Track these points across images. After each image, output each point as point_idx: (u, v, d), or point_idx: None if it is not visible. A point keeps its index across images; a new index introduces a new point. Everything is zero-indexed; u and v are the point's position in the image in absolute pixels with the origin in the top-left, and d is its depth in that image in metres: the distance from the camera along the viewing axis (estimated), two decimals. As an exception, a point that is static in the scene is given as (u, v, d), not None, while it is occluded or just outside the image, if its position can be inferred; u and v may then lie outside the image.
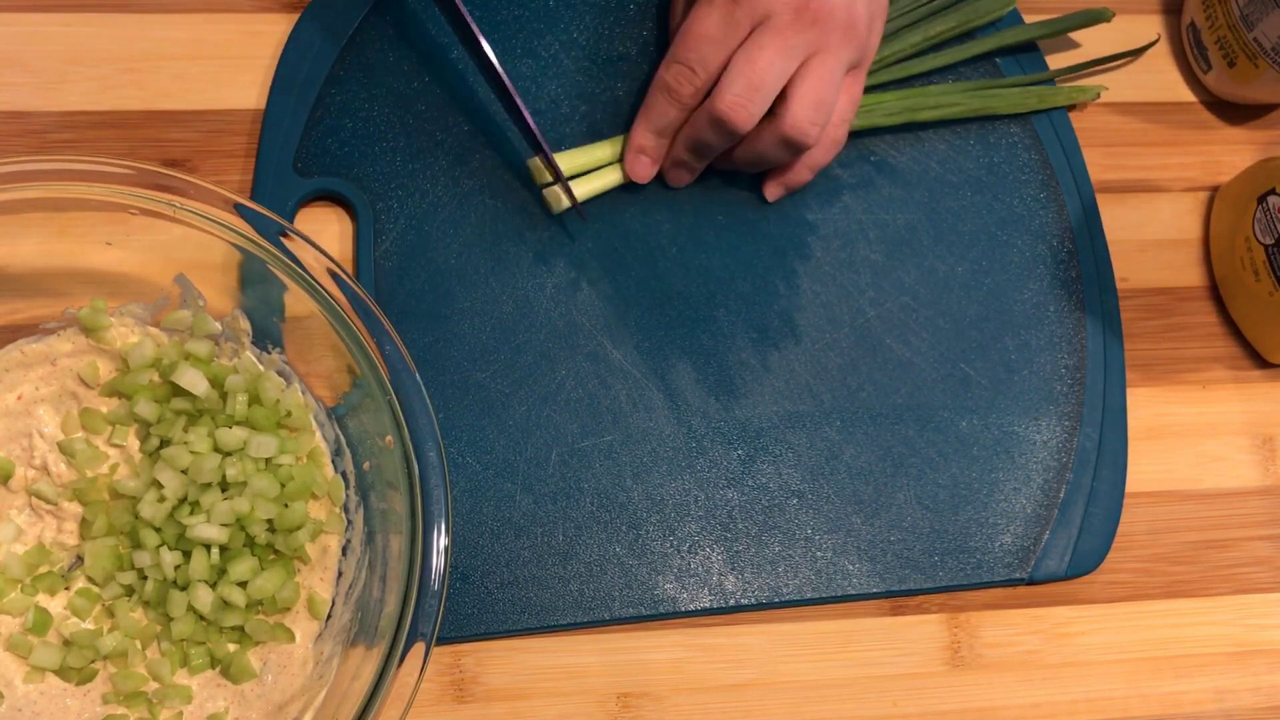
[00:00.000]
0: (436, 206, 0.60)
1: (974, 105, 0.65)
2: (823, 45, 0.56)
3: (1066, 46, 0.69)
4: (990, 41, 0.66)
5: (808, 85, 0.56)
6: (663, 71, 0.58)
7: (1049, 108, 0.66)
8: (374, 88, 0.61)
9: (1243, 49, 0.65)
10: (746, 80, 0.55)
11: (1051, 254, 0.64)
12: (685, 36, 0.57)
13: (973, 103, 0.65)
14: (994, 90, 0.66)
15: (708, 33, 0.56)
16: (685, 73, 0.57)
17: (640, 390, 0.59)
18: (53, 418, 0.53)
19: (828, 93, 0.56)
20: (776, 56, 0.55)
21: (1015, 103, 0.66)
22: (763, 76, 0.55)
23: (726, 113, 0.55)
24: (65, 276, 0.53)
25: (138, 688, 0.50)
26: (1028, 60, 0.67)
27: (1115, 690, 0.59)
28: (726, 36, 0.55)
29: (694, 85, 0.57)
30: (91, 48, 0.61)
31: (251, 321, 0.54)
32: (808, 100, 0.56)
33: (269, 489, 0.51)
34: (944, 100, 0.65)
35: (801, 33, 0.55)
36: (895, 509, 0.59)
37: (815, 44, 0.55)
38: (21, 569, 0.51)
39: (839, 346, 0.61)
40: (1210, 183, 0.68)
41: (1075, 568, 0.59)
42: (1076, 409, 0.62)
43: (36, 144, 0.59)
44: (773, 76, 0.55)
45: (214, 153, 0.60)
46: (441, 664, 0.55)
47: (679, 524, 0.58)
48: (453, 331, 0.59)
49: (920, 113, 0.64)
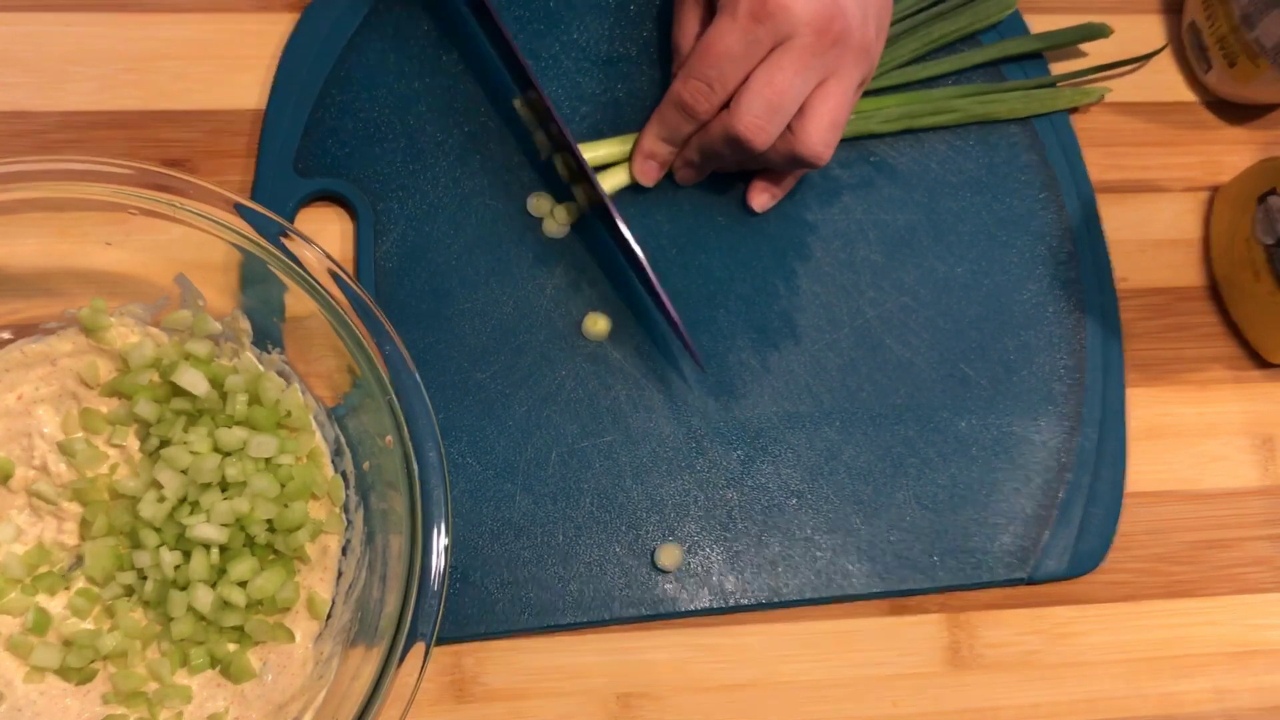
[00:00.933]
0: (437, 207, 0.60)
1: (975, 111, 0.65)
2: (839, 66, 0.55)
3: (1072, 55, 0.69)
4: (991, 51, 0.66)
5: (826, 108, 0.55)
6: (679, 86, 0.57)
7: (1051, 111, 0.66)
8: (374, 88, 0.61)
9: (1243, 49, 0.65)
10: (765, 101, 0.54)
11: (1051, 254, 0.64)
12: (705, 53, 0.55)
13: (974, 109, 0.65)
14: (995, 96, 0.65)
15: (728, 50, 0.55)
16: (703, 89, 0.56)
17: (640, 390, 0.59)
18: (53, 418, 0.53)
19: (843, 114, 0.56)
20: (796, 78, 0.54)
21: (1017, 108, 0.65)
22: (782, 98, 0.54)
23: (745, 133, 0.55)
24: (65, 276, 0.53)
25: (138, 688, 0.50)
26: (1030, 65, 0.67)
27: (1115, 690, 0.59)
28: (747, 55, 0.55)
29: (710, 103, 0.56)
30: (91, 48, 0.61)
31: (251, 321, 0.54)
32: (824, 122, 0.56)
33: (269, 489, 0.51)
34: (944, 106, 0.65)
35: (821, 54, 0.54)
36: (895, 509, 0.59)
37: (833, 65, 0.55)
38: (21, 569, 0.51)
39: (839, 346, 0.61)
40: (1210, 183, 0.68)
41: (1075, 568, 0.59)
42: (1076, 409, 0.62)
43: (36, 144, 0.59)
44: (791, 98, 0.55)
45: (214, 153, 0.60)
46: (441, 664, 0.55)
47: (679, 524, 0.58)
48: (453, 332, 0.59)
49: (921, 119, 0.64)
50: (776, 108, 0.54)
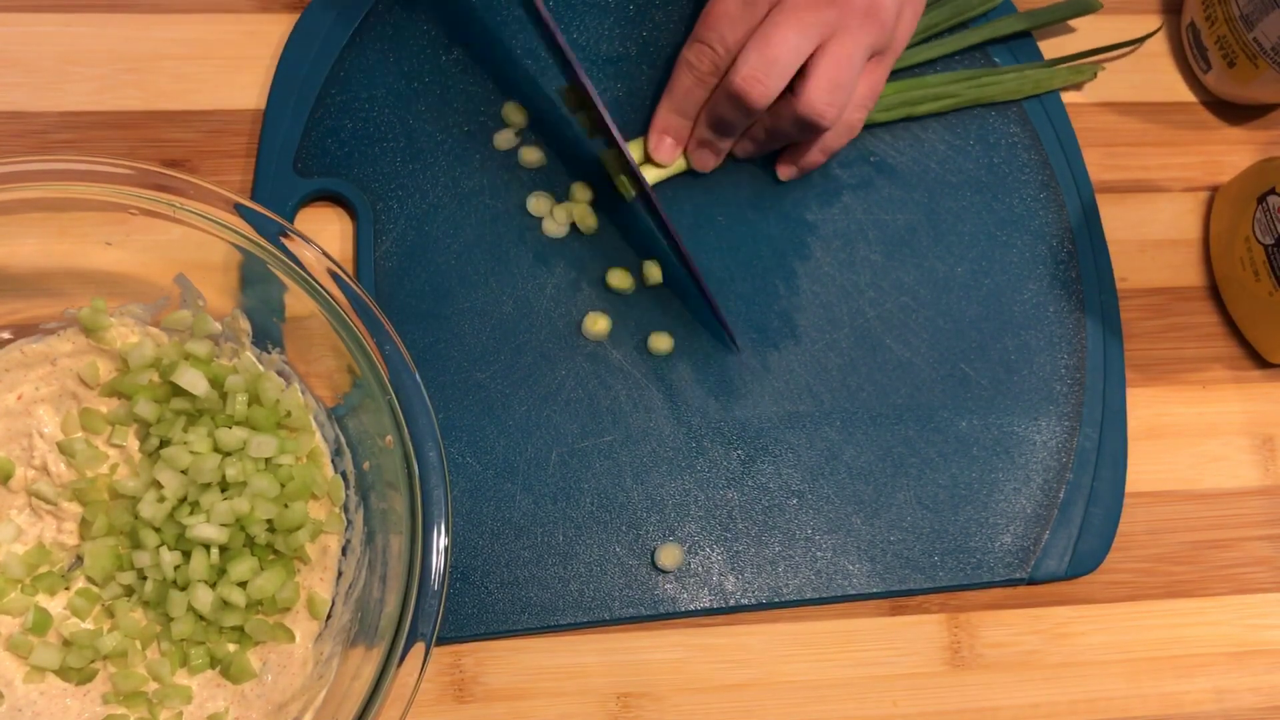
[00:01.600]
0: (437, 207, 0.60)
1: (970, 95, 0.65)
2: (842, 27, 0.56)
3: (1064, 34, 0.69)
4: (983, 32, 0.67)
5: (824, 65, 0.56)
6: (685, 51, 0.59)
7: (1046, 91, 0.66)
8: (374, 88, 0.61)
9: (1243, 49, 0.65)
10: (761, 55, 0.55)
11: (1051, 254, 0.64)
12: (706, 17, 0.58)
13: (969, 92, 0.65)
14: (990, 78, 0.65)
15: (727, 12, 0.57)
16: (705, 50, 0.58)
17: (640, 390, 0.59)
18: (53, 418, 0.53)
19: (845, 75, 0.57)
20: (791, 33, 0.55)
21: (1012, 89, 0.66)
22: (777, 52, 0.55)
23: (741, 86, 0.56)
24: (65, 276, 0.53)
25: (138, 688, 0.50)
26: (1022, 51, 0.67)
27: (1115, 690, 0.59)
28: (745, 15, 0.57)
29: (713, 62, 0.58)
30: (91, 48, 0.61)
31: (251, 321, 0.54)
32: (824, 81, 0.56)
33: (269, 489, 0.51)
34: (940, 91, 0.65)
35: (818, 11, 0.55)
36: (895, 509, 0.59)
37: (834, 24, 0.56)
38: (21, 569, 0.51)
39: (839, 346, 0.61)
40: (1210, 183, 0.68)
41: (1075, 568, 0.59)
42: (1076, 409, 0.62)
43: (36, 144, 0.59)
44: (787, 53, 0.55)
45: (214, 153, 0.60)
46: (441, 664, 0.55)
47: (679, 524, 0.58)
48: (453, 332, 0.59)
49: (919, 106, 0.64)
50: (772, 60, 0.55)
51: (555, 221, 0.61)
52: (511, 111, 0.62)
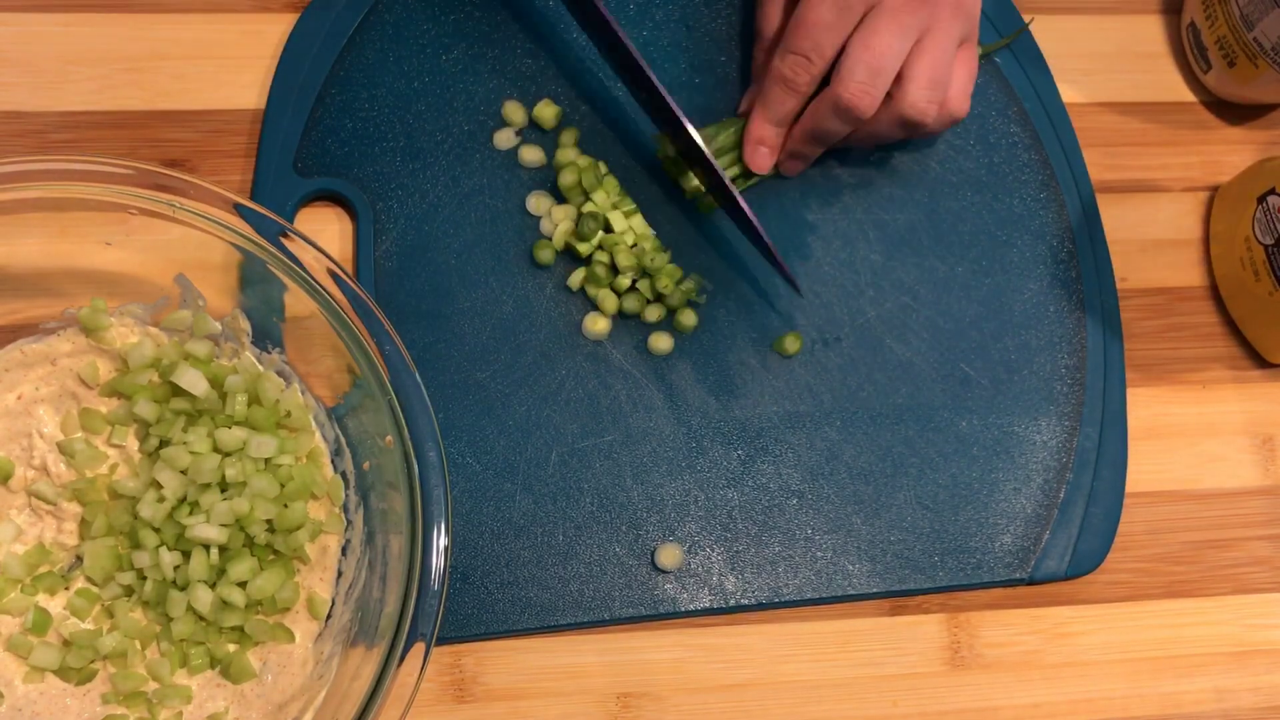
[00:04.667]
0: (437, 206, 0.60)
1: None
2: (934, 23, 0.56)
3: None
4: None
5: (923, 65, 0.56)
6: (778, 62, 0.58)
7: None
8: (374, 88, 0.61)
9: (1243, 49, 0.65)
10: (866, 66, 0.55)
11: (1051, 254, 0.64)
12: (799, 25, 0.57)
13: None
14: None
15: (821, 20, 0.56)
16: (801, 62, 0.57)
17: (640, 390, 0.59)
18: (52, 418, 0.53)
19: (942, 70, 0.57)
20: (893, 39, 0.55)
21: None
22: (881, 61, 0.55)
23: (851, 100, 0.56)
24: (65, 276, 0.53)
25: (137, 688, 0.50)
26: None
27: (1115, 690, 0.59)
28: (840, 22, 0.56)
29: (810, 74, 0.57)
30: (91, 48, 0.61)
31: (251, 321, 0.54)
32: (924, 80, 0.56)
33: (268, 489, 0.51)
34: None
35: (914, 12, 0.55)
36: (895, 509, 0.59)
37: (927, 22, 0.56)
38: (21, 569, 0.51)
39: (839, 346, 0.61)
40: (1210, 183, 0.68)
41: (1075, 568, 0.59)
42: (1076, 409, 0.62)
43: (36, 144, 0.59)
44: (890, 59, 0.55)
45: (214, 153, 0.60)
46: (441, 664, 0.55)
47: (679, 524, 0.58)
48: (453, 331, 0.59)
49: None
50: (878, 70, 0.55)
51: (555, 221, 0.61)
52: (511, 111, 0.62)
